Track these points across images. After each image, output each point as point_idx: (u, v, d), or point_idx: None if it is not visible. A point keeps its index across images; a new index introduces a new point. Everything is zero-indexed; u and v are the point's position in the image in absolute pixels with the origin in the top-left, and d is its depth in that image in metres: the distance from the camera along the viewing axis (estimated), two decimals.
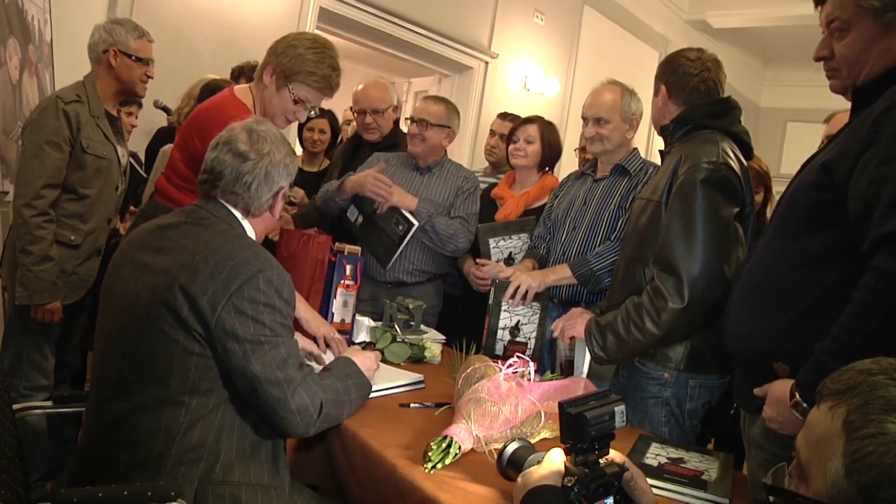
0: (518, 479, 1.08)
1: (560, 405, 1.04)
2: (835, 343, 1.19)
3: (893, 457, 0.68)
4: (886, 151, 1.18)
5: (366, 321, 2.29)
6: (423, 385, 1.87)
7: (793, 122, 8.30)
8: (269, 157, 1.45)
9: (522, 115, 3.02)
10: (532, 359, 1.81)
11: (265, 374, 1.29)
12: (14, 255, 2.22)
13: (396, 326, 2.25)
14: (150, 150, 3.06)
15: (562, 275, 2.24)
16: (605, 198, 2.33)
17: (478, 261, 2.59)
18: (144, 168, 3.05)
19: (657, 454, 1.51)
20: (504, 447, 1.22)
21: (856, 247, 1.22)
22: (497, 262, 2.57)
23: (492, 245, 2.62)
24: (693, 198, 1.69)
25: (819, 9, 1.38)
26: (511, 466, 1.20)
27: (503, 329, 2.24)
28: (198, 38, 3.65)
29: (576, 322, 1.96)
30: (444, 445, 1.35)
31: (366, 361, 1.63)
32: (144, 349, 1.31)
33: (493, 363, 1.67)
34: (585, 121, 2.36)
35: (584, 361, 1.90)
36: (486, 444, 1.41)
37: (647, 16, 6.65)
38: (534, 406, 1.51)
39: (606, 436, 1.05)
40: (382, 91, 2.93)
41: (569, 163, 3.96)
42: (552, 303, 2.31)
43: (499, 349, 2.23)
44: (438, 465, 1.32)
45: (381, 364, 2.01)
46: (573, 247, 2.33)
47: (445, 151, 2.80)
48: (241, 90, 2.05)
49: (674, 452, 1.54)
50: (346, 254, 2.19)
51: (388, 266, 2.58)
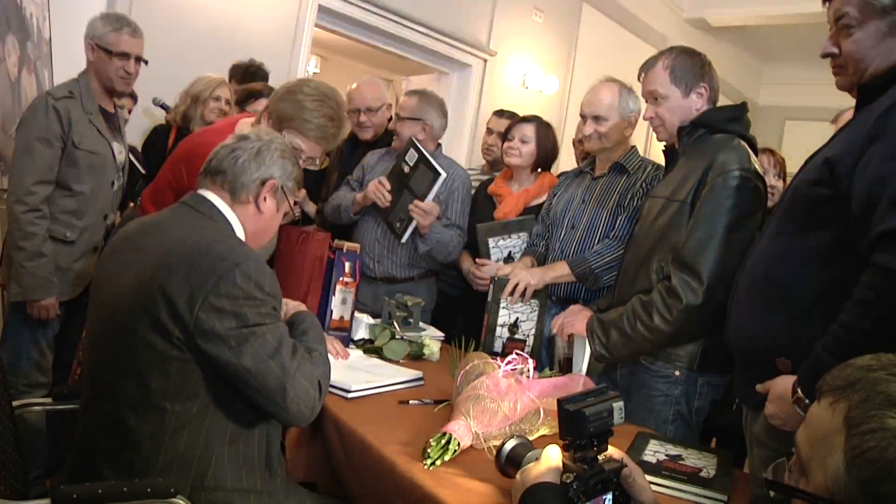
0: (517, 476, 1.08)
1: (559, 402, 1.04)
2: (835, 340, 1.19)
3: (894, 452, 0.68)
4: (889, 149, 1.18)
5: (365, 318, 2.29)
6: (423, 382, 1.87)
7: (791, 121, 8.30)
8: (267, 144, 1.46)
9: (521, 114, 3.01)
10: (531, 356, 1.81)
11: (258, 367, 1.24)
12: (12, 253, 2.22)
13: (395, 324, 2.25)
14: (147, 147, 3.04)
15: (560, 272, 2.24)
16: (604, 196, 2.33)
17: (477, 261, 2.59)
18: (143, 165, 3.03)
19: (656, 451, 1.51)
20: (502, 445, 1.22)
21: (857, 244, 1.22)
22: (497, 262, 2.57)
23: (491, 245, 2.61)
24: (725, 203, 1.70)
25: (827, 5, 1.37)
26: (509, 464, 1.19)
27: (502, 326, 2.24)
28: (196, 36, 3.64)
29: (575, 319, 1.96)
30: (444, 442, 1.35)
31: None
32: (125, 352, 1.27)
33: (492, 360, 1.67)
34: (584, 118, 2.36)
35: (584, 359, 1.90)
36: (485, 441, 1.41)
37: (646, 14, 6.64)
38: (532, 403, 1.51)
39: (605, 432, 1.05)
40: (375, 90, 2.93)
41: (569, 159, 3.95)
42: (550, 300, 2.31)
43: (497, 346, 2.23)
44: (437, 462, 1.32)
45: (380, 361, 2.02)
46: (571, 245, 2.33)
47: (438, 146, 2.78)
48: (243, 125, 2.03)
49: (672, 449, 1.54)
50: (345, 251, 2.19)
51: (404, 238, 2.54)
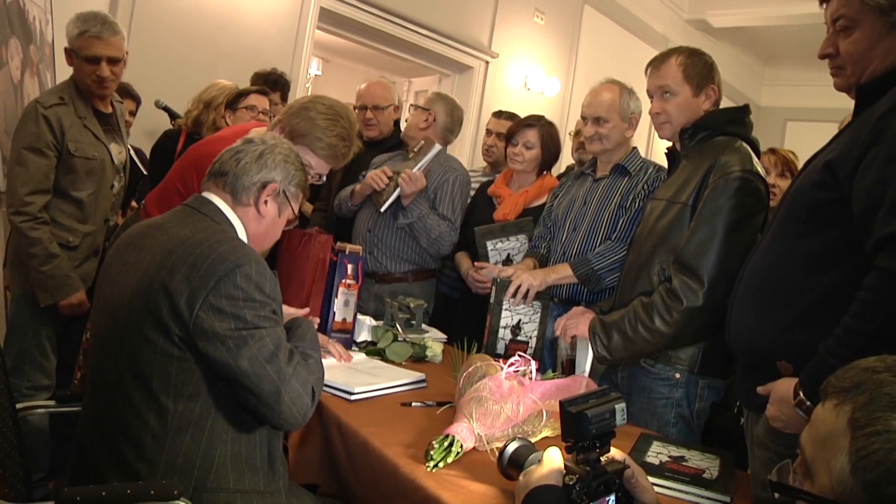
0: (519, 479, 1.08)
1: (561, 404, 1.04)
2: (838, 343, 1.18)
3: None
4: (890, 151, 1.17)
5: (367, 320, 2.29)
6: (425, 384, 1.86)
7: (793, 122, 8.30)
8: (271, 148, 1.48)
9: (522, 115, 3.01)
10: (533, 357, 1.81)
11: (254, 370, 1.24)
12: (17, 256, 2.22)
13: (398, 326, 2.25)
14: (156, 152, 3.03)
15: (563, 274, 2.23)
16: (606, 198, 2.33)
17: (476, 264, 2.59)
18: (150, 169, 3.02)
19: (658, 452, 1.51)
20: (504, 447, 1.22)
21: (859, 246, 1.22)
22: (496, 265, 2.56)
23: (489, 247, 2.61)
24: (726, 204, 1.70)
25: (824, 6, 1.37)
26: (512, 466, 1.19)
27: (504, 328, 2.23)
28: (198, 39, 3.65)
29: (578, 321, 1.95)
30: (446, 444, 1.35)
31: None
32: (127, 351, 1.28)
33: (495, 362, 1.67)
34: (585, 120, 2.36)
35: (586, 360, 1.89)
36: (488, 443, 1.40)
37: (647, 15, 6.65)
38: (535, 405, 1.51)
39: (607, 434, 1.05)
40: (385, 89, 2.99)
41: (568, 158, 3.96)
42: (553, 302, 2.31)
43: (500, 348, 2.22)
44: (440, 464, 1.32)
45: (383, 363, 2.02)
46: (574, 247, 2.33)
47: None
48: (256, 133, 2.02)
49: (675, 451, 1.54)
50: (348, 253, 2.19)
51: (384, 208, 2.60)
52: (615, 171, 2.34)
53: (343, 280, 2.16)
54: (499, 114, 3.42)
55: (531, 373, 1.62)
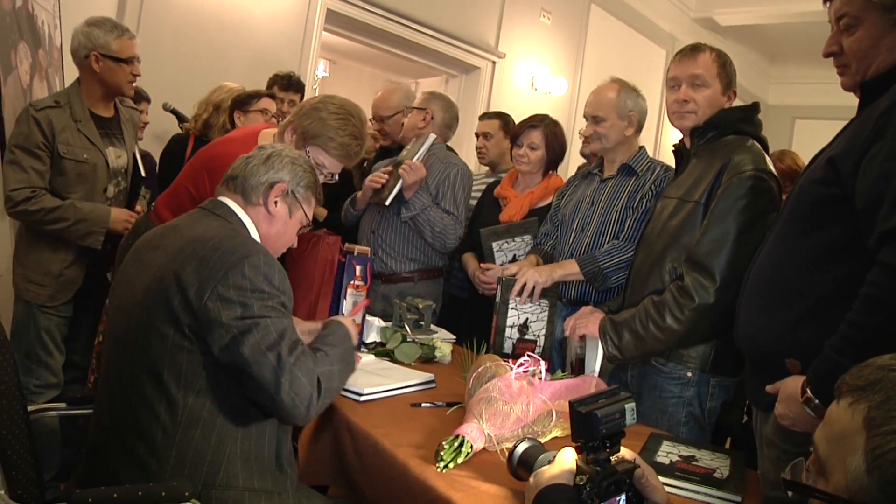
0: (530, 479, 1.08)
1: (570, 404, 1.04)
2: (843, 339, 1.18)
3: None
4: (893, 147, 1.17)
5: (376, 322, 2.29)
6: (434, 385, 1.87)
7: (801, 120, 8.25)
8: (278, 151, 1.52)
9: (525, 116, 3.00)
10: (542, 357, 1.81)
11: (254, 357, 1.25)
12: (24, 253, 2.23)
13: (406, 326, 2.25)
14: (165, 156, 3.04)
15: (569, 270, 2.23)
16: (613, 198, 2.32)
17: (482, 265, 2.59)
18: (160, 174, 3.02)
19: (669, 452, 1.51)
20: (514, 447, 1.22)
21: (862, 243, 1.22)
22: (501, 265, 2.56)
23: (495, 248, 2.62)
24: (739, 203, 1.70)
25: (827, 5, 1.38)
26: (522, 466, 1.20)
27: (511, 327, 2.23)
28: (205, 41, 3.67)
29: (587, 320, 1.95)
30: (456, 445, 1.35)
31: (350, 324, 1.60)
32: (140, 346, 1.31)
33: (504, 362, 1.67)
34: (586, 119, 2.38)
35: (596, 360, 1.89)
36: (498, 443, 1.41)
37: (654, 14, 6.63)
38: (545, 405, 1.51)
39: (617, 434, 1.05)
40: (388, 98, 3.06)
41: (578, 159, 3.96)
42: (560, 302, 2.31)
43: (507, 347, 2.22)
44: (450, 465, 1.32)
45: (392, 364, 2.02)
46: (581, 248, 2.32)
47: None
48: (265, 137, 2.05)
49: (685, 450, 1.54)
50: (356, 254, 2.19)
51: (388, 201, 2.59)
52: (622, 171, 2.34)
53: (351, 281, 2.16)
54: (483, 115, 3.52)
55: (541, 373, 1.62)
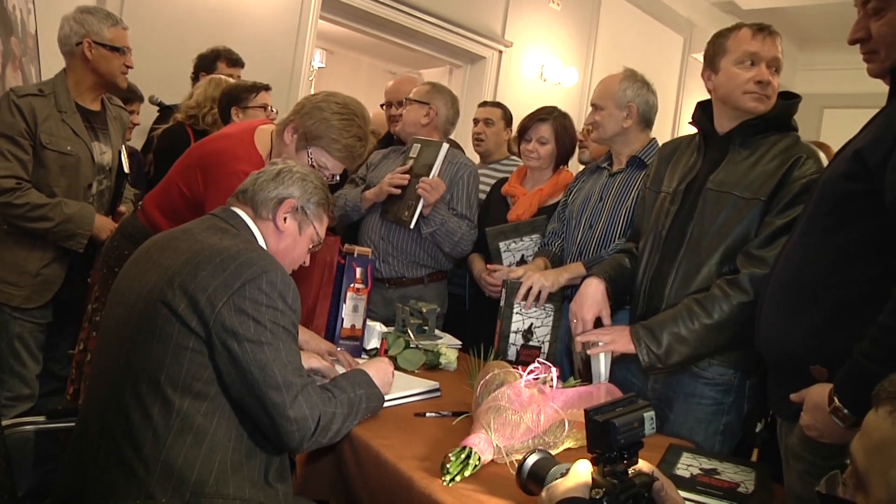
0: (542, 494, 1.08)
1: (586, 412, 1.04)
2: (873, 344, 1.17)
3: None
4: None
5: (377, 326, 2.29)
6: (439, 393, 1.87)
7: (830, 109, 8.21)
8: (289, 167, 1.59)
9: (534, 108, 2.99)
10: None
11: (264, 377, 1.31)
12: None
13: (409, 332, 2.25)
14: (164, 154, 3.04)
15: (576, 273, 2.21)
16: (622, 192, 2.31)
17: (489, 266, 2.59)
18: (154, 171, 3.03)
19: (689, 465, 1.50)
20: (523, 460, 1.22)
21: (891, 239, 1.21)
22: (509, 266, 2.55)
23: (502, 249, 2.60)
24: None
25: None
26: (532, 479, 1.19)
27: (515, 333, 2.21)
28: (196, 31, 3.68)
29: (614, 337, 1.82)
30: (463, 457, 1.35)
31: (379, 372, 1.64)
32: (139, 343, 1.33)
33: (514, 369, 1.67)
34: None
35: (602, 365, 1.86)
36: (508, 455, 1.41)
37: None
38: (557, 414, 1.50)
39: (635, 444, 1.04)
40: (412, 84, 3.06)
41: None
42: (568, 303, 2.29)
43: (511, 354, 2.20)
44: (457, 478, 1.32)
45: (395, 372, 2.02)
46: (590, 245, 2.31)
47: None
48: (262, 134, 2.05)
49: (707, 463, 1.53)
50: (356, 255, 2.19)
51: (412, 223, 2.57)
52: (631, 165, 2.33)
53: (351, 284, 2.17)
54: (484, 103, 3.61)
55: (552, 380, 1.61)
